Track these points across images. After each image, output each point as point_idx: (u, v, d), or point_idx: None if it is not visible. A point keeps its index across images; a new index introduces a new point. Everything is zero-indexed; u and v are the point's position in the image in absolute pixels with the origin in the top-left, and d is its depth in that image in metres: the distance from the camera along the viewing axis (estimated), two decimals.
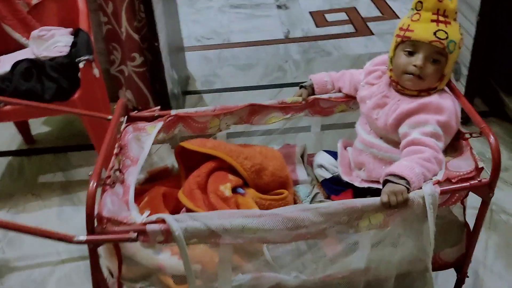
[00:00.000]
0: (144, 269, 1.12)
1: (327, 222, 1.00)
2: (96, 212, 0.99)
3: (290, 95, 1.39)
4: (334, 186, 1.32)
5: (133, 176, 1.14)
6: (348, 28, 2.79)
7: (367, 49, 2.53)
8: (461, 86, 1.85)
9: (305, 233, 1.01)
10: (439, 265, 1.18)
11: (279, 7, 3.15)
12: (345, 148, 1.36)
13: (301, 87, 1.38)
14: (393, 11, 2.93)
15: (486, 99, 1.99)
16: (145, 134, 1.28)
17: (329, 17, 2.94)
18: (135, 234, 0.98)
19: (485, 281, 1.32)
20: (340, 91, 1.37)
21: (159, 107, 1.35)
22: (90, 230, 0.98)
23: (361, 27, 2.79)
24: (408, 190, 1.00)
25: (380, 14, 2.92)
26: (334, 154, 1.37)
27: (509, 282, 1.31)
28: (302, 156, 1.45)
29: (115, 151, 1.17)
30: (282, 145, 1.47)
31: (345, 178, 1.27)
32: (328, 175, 1.34)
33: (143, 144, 1.25)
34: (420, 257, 1.06)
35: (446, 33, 1.11)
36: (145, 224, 0.99)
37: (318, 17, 2.95)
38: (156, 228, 0.98)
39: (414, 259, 1.07)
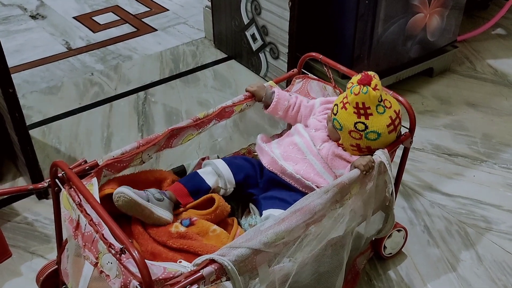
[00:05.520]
0: None
1: (328, 204, 1.16)
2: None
3: (121, 108, 1.35)
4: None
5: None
6: (128, 28, 2.77)
7: (163, 46, 2.59)
8: (282, 63, 2.16)
9: (314, 220, 1.14)
10: None
11: (33, 17, 2.87)
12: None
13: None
14: (157, 4, 3.02)
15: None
16: None
17: (99, 19, 2.85)
18: (196, 286, 0.95)
19: None
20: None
21: (85, 159, 1.23)
22: None
23: (139, 25, 2.81)
24: None
25: (148, 9, 2.97)
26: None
27: None
28: None
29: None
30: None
31: (271, 167, 1.36)
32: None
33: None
34: (382, 201, 1.32)
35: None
36: (197, 270, 0.97)
37: (88, 22, 2.82)
38: (211, 270, 0.98)
39: (380, 205, 1.33)
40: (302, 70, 1.57)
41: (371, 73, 1.26)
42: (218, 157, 1.47)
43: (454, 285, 1.42)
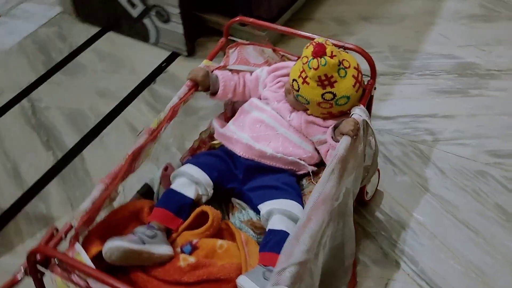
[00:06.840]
0: None
1: (338, 181, 1.11)
2: None
3: (10, 127, 1.22)
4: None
5: None
6: None
7: (18, 35, 2.16)
8: (176, 25, 1.94)
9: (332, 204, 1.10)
10: None
11: None
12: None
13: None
14: None
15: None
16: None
17: None
18: None
19: None
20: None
21: (55, 227, 1.01)
22: None
23: None
24: None
25: None
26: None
27: None
28: None
29: None
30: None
31: (247, 154, 1.26)
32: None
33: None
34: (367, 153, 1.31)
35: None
36: None
37: None
38: None
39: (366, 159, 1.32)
40: (230, 38, 1.42)
41: (321, 40, 1.19)
42: (181, 162, 1.31)
43: (433, 205, 1.50)
